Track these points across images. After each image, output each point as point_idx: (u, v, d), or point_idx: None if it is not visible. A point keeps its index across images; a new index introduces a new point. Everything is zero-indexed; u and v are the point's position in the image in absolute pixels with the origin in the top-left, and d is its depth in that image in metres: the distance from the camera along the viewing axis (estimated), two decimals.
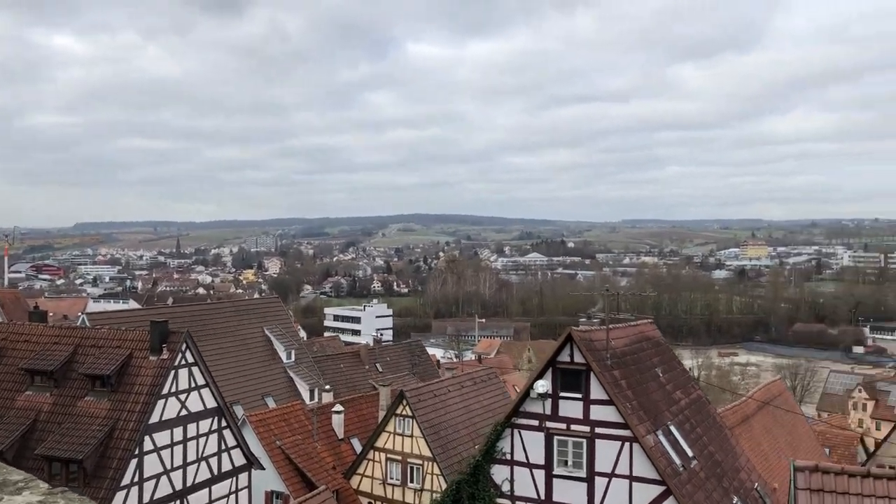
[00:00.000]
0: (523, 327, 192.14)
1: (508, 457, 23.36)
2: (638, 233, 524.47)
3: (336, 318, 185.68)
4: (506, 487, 23.34)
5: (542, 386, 22.54)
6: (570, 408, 22.59)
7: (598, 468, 22.16)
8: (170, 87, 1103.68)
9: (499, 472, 23.49)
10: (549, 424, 22.76)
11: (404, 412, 38.07)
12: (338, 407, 42.87)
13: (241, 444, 31.44)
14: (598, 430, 22.19)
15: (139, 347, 28.63)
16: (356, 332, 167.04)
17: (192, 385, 29.16)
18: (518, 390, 52.93)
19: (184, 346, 28.58)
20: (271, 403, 46.37)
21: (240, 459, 31.58)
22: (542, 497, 22.84)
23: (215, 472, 30.24)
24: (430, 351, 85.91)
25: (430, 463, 37.20)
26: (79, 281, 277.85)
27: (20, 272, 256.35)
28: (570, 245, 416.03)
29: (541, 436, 22.89)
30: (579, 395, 22.48)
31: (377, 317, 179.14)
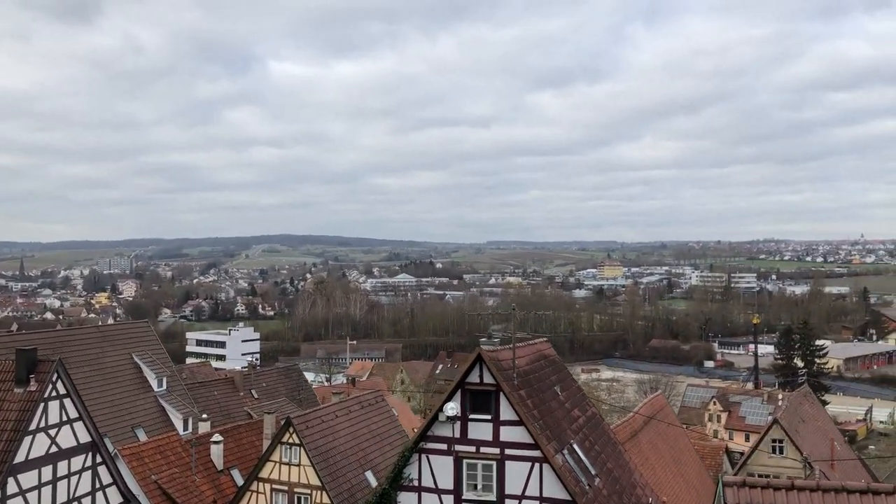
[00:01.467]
0: (395, 348, 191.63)
1: (416, 483, 22.69)
2: (502, 254, 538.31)
3: (199, 342, 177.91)
4: None
5: (452, 409, 22.10)
6: (480, 430, 22.26)
7: (508, 490, 21.90)
8: (10, 99, 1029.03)
9: (406, 500, 22.76)
10: (459, 448, 22.32)
11: (291, 440, 36.51)
12: (216, 437, 40.64)
13: (118, 481, 29.04)
14: (507, 451, 21.96)
15: (3, 378, 25.86)
16: (221, 358, 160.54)
17: (64, 419, 26.65)
18: (396, 413, 52.14)
19: (54, 375, 26.08)
20: (142, 436, 43.33)
21: (115, 498, 29.14)
22: None
23: None
24: None
25: (319, 492, 35.82)
26: None
27: None
28: (439, 266, 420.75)
29: (450, 460, 22.39)
30: (489, 417, 22.20)
31: (243, 341, 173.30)
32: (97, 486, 28.08)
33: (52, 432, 26.08)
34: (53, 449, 26.09)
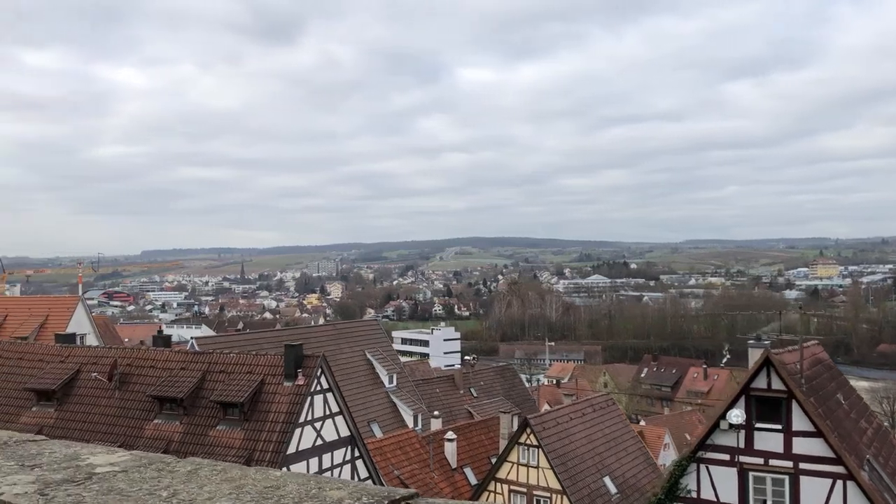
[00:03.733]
0: (594, 351, 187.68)
1: (694, 495, 21.03)
2: (700, 253, 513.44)
3: (404, 341, 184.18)
4: None
5: (737, 416, 20.25)
6: (768, 440, 20.24)
7: None
8: (224, 117, 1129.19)
9: None
10: (743, 459, 20.42)
11: (528, 441, 35.95)
12: (450, 434, 41.01)
13: (374, 476, 29.73)
14: (802, 465, 19.78)
15: (272, 373, 27.23)
16: (424, 356, 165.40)
17: (327, 412, 27.63)
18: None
19: (319, 371, 27.07)
20: (377, 431, 44.72)
21: None
22: None
23: None
24: None
25: (560, 496, 34.94)
26: (148, 307, 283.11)
27: (93, 299, 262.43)
28: (633, 266, 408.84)
29: (733, 472, 20.56)
30: (779, 427, 20.11)
31: (445, 340, 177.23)
32: (355, 479, 28.84)
33: (318, 425, 27.08)
34: (319, 441, 27.08)
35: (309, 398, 26.48)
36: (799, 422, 19.89)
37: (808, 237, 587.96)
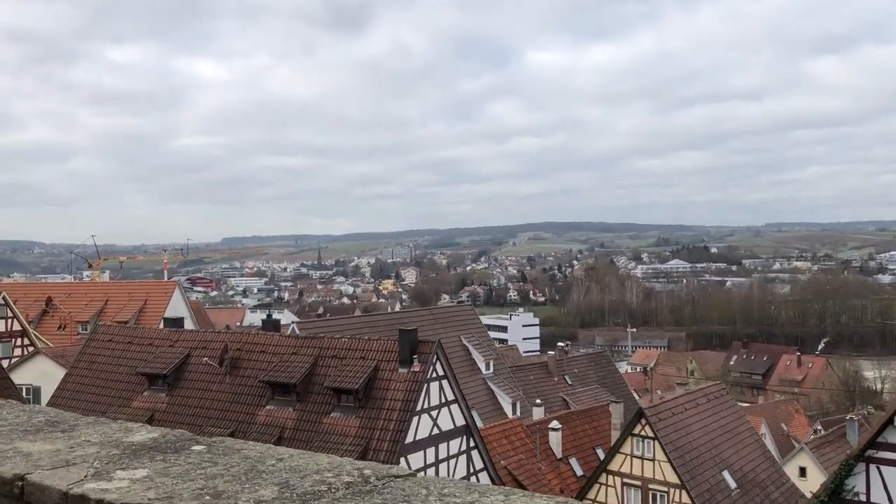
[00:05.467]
0: (677, 337, 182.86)
1: (863, 497, 18.96)
2: (784, 237, 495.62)
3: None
4: None
5: None
6: None
7: None
8: (299, 106, 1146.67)
9: None
10: None
11: (643, 432, 34.14)
12: (554, 424, 39.51)
13: (489, 467, 28.51)
14: None
15: (386, 359, 26.22)
16: (502, 342, 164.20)
17: (443, 400, 26.51)
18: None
19: (434, 357, 25.91)
20: (476, 418, 43.55)
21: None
22: None
23: None
24: None
25: (678, 490, 33.06)
26: (230, 293, 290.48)
27: None
28: (714, 251, 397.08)
29: None
30: None
31: (524, 326, 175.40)
32: (471, 470, 27.72)
33: (434, 414, 25.98)
34: (435, 431, 25.98)
35: (425, 385, 25.37)
36: None
37: None
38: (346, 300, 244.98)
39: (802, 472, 45.43)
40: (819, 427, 66.87)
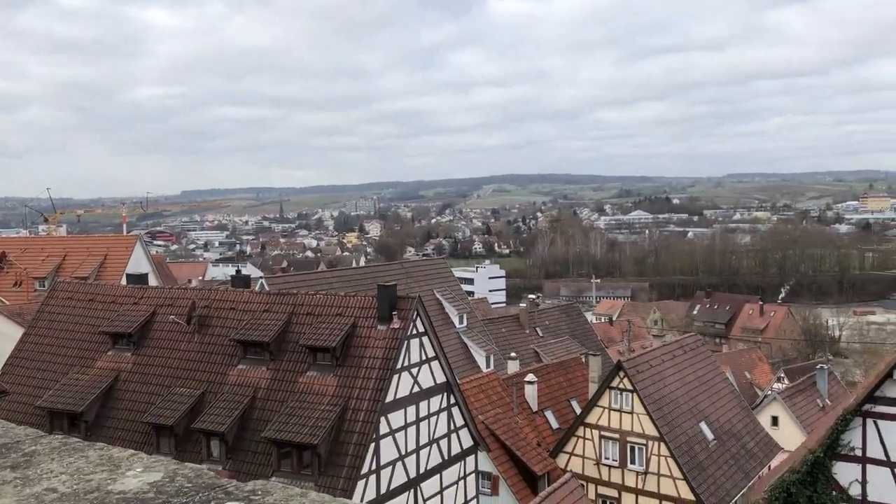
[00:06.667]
0: (640, 288, 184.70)
1: (859, 452, 18.57)
2: (745, 187, 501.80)
3: None
4: (854, 491, 18.66)
5: None
6: None
7: None
8: (256, 55, 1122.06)
9: (844, 472, 18.80)
10: None
11: (622, 385, 33.79)
12: (531, 377, 39.04)
13: (469, 424, 27.85)
14: None
15: (364, 315, 25.15)
16: (469, 294, 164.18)
17: (423, 357, 25.60)
18: None
19: (414, 313, 24.92)
20: None
21: (467, 440, 28.03)
22: None
23: (446, 455, 26.75)
24: None
25: (656, 443, 32.90)
26: (191, 246, 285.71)
27: None
28: (675, 202, 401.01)
29: None
30: None
31: (490, 278, 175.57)
32: (452, 427, 27.03)
33: (414, 371, 25.10)
34: (416, 389, 25.13)
35: (405, 342, 24.42)
36: None
37: (857, 170, 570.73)
38: (309, 254, 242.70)
39: (775, 421, 45.84)
40: (782, 375, 67.68)
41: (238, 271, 33.16)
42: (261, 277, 37.38)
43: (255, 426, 24.27)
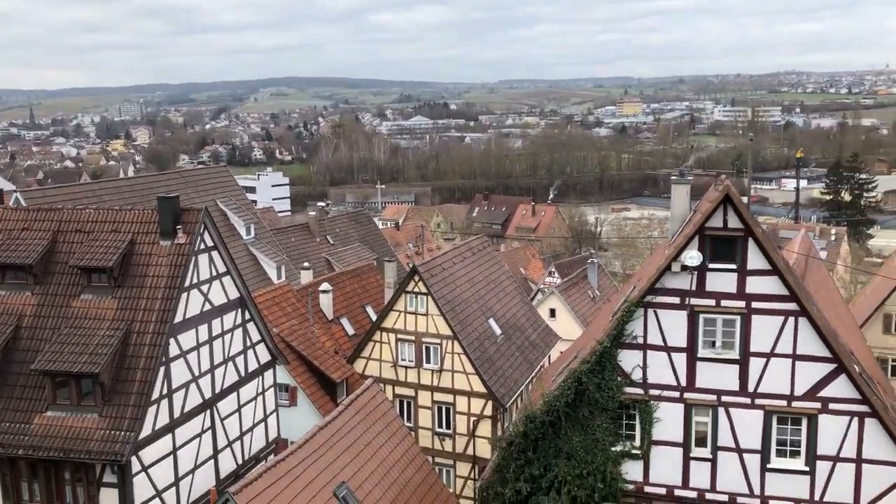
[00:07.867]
0: (424, 192, 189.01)
1: (640, 340, 20.13)
2: (516, 93, 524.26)
3: None
4: (637, 375, 20.30)
5: (694, 258, 19.19)
6: (721, 281, 19.47)
7: (753, 348, 19.38)
8: None
9: (628, 359, 20.33)
10: (695, 301, 19.60)
11: (417, 289, 34.21)
12: (325, 286, 38.50)
13: (266, 338, 26.82)
14: (755, 304, 19.29)
15: (143, 231, 22.90)
16: (252, 203, 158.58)
17: (214, 273, 23.97)
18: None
19: (201, 226, 23.09)
20: None
21: (265, 356, 27.05)
22: (684, 383, 19.97)
23: (242, 372, 25.64)
24: None
25: (450, 341, 33.94)
26: None
27: None
28: (453, 107, 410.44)
29: (682, 315, 19.78)
30: (733, 266, 19.29)
31: (273, 186, 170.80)
32: (248, 343, 25.89)
33: (204, 288, 23.48)
34: (207, 307, 23.59)
35: (193, 258, 22.63)
36: (754, 260, 19.18)
37: (614, 76, 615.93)
38: (69, 163, 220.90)
39: (553, 313, 49.24)
40: (553, 269, 72.44)
41: None
42: (14, 191, 32.89)
43: (23, 357, 21.66)
